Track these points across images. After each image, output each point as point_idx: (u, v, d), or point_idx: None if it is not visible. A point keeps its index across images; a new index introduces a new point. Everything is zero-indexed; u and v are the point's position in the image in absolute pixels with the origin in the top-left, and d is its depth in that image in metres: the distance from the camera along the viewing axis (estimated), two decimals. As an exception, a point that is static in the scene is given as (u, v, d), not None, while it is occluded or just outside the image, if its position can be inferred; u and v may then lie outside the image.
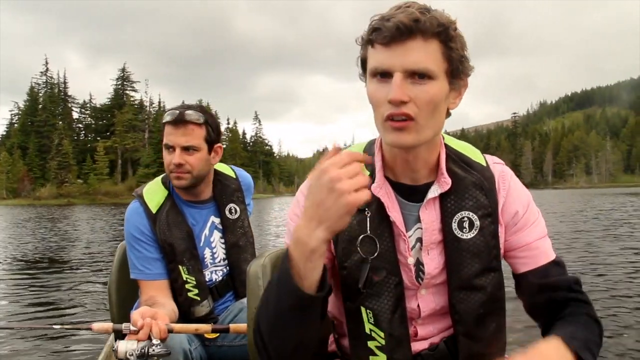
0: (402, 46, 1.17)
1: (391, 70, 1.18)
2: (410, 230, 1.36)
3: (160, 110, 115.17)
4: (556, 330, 1.27)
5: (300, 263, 1.14)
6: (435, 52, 1.18)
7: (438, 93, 1.20)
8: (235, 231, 2.45)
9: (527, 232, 1.39)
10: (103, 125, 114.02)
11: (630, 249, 10.65)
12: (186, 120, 2.21)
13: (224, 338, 2.32)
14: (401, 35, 1.16)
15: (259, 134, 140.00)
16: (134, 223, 2.29)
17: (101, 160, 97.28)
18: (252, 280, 1.72)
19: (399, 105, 1.18)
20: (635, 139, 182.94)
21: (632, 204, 30.06)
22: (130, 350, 1.67)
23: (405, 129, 1.21)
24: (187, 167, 2.24)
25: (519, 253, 1.40)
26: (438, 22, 1.17)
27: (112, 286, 2.53)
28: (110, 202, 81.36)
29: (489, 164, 1.42)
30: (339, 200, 1.08)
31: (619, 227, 15.58)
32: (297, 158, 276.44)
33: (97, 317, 6.05)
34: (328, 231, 1.11)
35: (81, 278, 8.95)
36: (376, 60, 1.21)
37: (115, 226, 22.33)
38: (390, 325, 1.33)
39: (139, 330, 1.74)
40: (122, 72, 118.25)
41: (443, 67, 1.20)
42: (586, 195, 56.46)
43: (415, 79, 1.18)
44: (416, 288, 1.37)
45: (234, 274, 2.43)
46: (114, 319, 2.47)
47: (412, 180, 1.36)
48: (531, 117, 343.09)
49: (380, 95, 1.21)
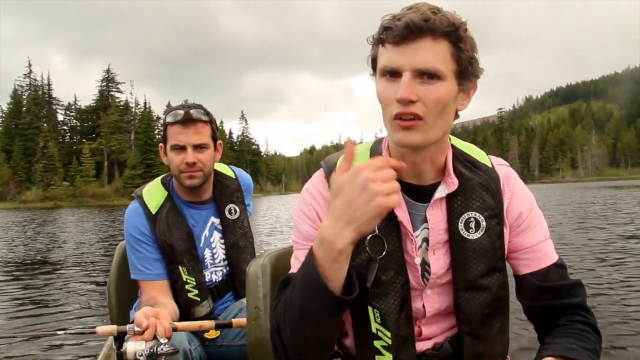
0: (411, 45, 1.17)
1: (400, 70, 1.19)
2: (417, 230, 1.36)
3: (146, 111, 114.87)
4: (549, 344, 1.28)
5: (326, 263, 1.13)
6: (444, 53, 1.19)
7: (446, 93, 1.20)
8: (235, 231, 2.45)
9: (530, 234, 1.40)
10: (88, 127, 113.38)
11: (604, 240, 10.90)
12: (194, 118, 2.22)
13: (224, 338, 2.33)
14: (411, 34, 1.16)
15: (246, 133, 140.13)
16: (133, 223, 2.29)
17: (87, 162, 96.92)
18: (252, 280, 1.74)
19: (407, 104, 1.18)
20: (620, 132, 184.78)
21: (619, 197, 30.39)
22: (140, 351, 1.67)
23: (413, 128, 1.21)
24: (199, 165, 2.25)
25: (521, 255, 1.40)
26: (448, 22, 1.18)
27: (112, 287, 2.53)
28: (97, 204, 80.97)
29: (494, 165, 1.43)
30: (371, 201, 1.08)
31: (595, 220, 15.87)
32: (285, 157, 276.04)
33: (94, 319, 6.05)
34: (356, 232, 1.11)
35: (77, 280, 8.94)
36: (386, 59, 1.21)
37: (105, 227, 22.27)
38: (397, 325, 1.33)
39: (144, 331, 1.74)
40: (106, 73, 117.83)
41: (452, 67, 1.21)
42: (572, 189, 56.98)
43: (424, 79, 1.19)
44: (422, 288, 1.37)
45: (234, 274, 2.43)
46: (114, 319, 2.47)
47: (419, 181, 1.36)
48: (517, 112, 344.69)
49: (389, 94, 1.21)
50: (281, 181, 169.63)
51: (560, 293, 1.38)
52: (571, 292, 1.39)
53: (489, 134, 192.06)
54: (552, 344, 1.28)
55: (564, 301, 1.38)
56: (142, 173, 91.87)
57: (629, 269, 7.66)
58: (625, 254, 9.12)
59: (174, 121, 2.23)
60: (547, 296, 1.38)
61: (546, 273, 1.38)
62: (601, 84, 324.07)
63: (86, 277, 9.14)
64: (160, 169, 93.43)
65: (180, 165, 2.24)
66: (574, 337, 1.30)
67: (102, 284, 8.24)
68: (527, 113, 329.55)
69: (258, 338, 1.66)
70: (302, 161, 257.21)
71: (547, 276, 1.38)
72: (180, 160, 2.24)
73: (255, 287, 1.72)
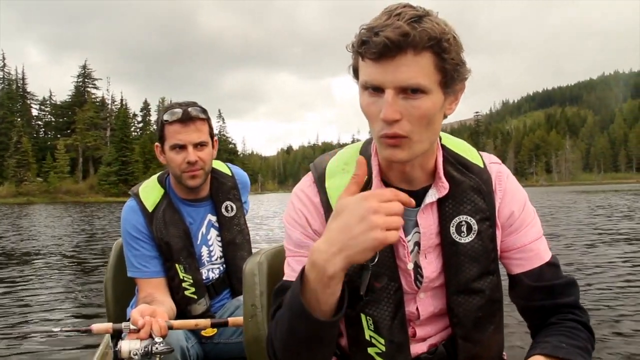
0: (392, 62, 1.12)
1: (382, 87, 1.14)
2: (409, 234, 1.35)
3: (123, 108, 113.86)
4: (539, 343, 1.28)
5: (318, 287, 1.11)
6: (427, 66, 1.13)
7: (431, 107, 1.16)
8: (232, 229, 2.45)
9: (522, 234, 1.38)
10: (63, 123, 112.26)
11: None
12: (193, 117, 2.21)
13: (220, 335, 2.33)
14: (390, 51, 1.10)
15: (223, 132, 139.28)
16: (130, 221, 2.28)
17: (62, 159, 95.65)
18: (248, 277, 1.74)
19: (392, 123, 1.15)
20: (594, 138, 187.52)
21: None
22: (134, 350, 1.66)
23: (399, 146, 1.19)
24: (200, 164, 2.24)
25: (514, 254, 1.38)
26: (429, 36, 1.10)
27: (108, 284, 2.52)
28: (72, 200, 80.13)
29: (486, 164, 1.40)
30: (368, 233, 1.04)
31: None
32: (261, 156, 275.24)
33: (91, 316, 6.02)
34: (347, 260, 1.07)
35: (71, 277, 8.88)
36: (366, 74, 1.17)
37: (75, 224, 22.01)
38: (391, 332, 1.31)
39: (140, 329, 1.73)
40: (83, 69, 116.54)
41: (436, 79, 1.15)
42: (546, 193, 57.87)
43: (408, 94, 1.14)
44: (415, 292, 1.36)
45: (231, 271, 2.43)
46: (110, 317, 2.47)
47: (409, 185, 1.34)
48: (494, 116, 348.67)
49: (373, 111, 1.18)
50: (257, 181, 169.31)
51: (553, 292, 1.36)
52: (564, 291, 1.37)
53: (466, 137, 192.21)
54: (542, 343, 1.28)
55: (557, 300, 1.36)
56: (118, 170, 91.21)
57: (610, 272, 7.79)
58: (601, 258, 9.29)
59: (173, 120, 2.21)
60: (539, 296, 1.36)
61: (539, 272, 1.36)
62: (576, 89, 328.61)
63: (83, 275, 9.07)
64: (135, 167, 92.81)
65: (181, 165, 2.23)
66: (565, 335, 1.29)
67: (97, 281, 8.23)
68: (504, 117, 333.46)
69: (255, 335, 1.66)
70: (279, 161, 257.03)
71: (540, 276, 1.36)
72: (182, 160, 2.23)
73: (252, 285, 1.72)
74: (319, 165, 1.40)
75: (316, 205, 1.35)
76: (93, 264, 10.42)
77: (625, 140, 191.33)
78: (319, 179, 1.37)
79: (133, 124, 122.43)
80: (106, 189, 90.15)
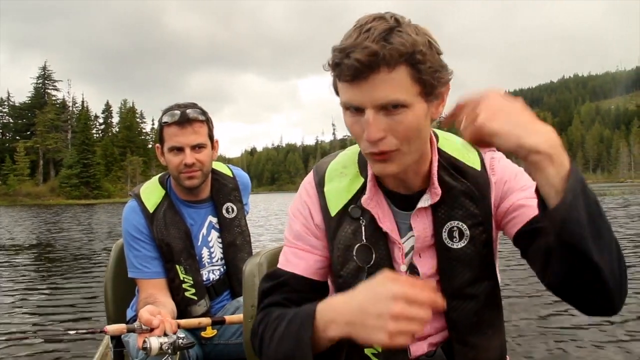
0: (366, 82, 1.10)
1: (361, 107, 1.14)
2: (404, 237, 1.35)
3: (84, 110, 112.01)
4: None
5: (320, 327, 1.14)
6: (403, 80, 1.11)
7: (414, 120, 1.15)
8: (232, 230, 2.45)
9: (515, 194, 1.31)
10: (23, 125, 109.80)
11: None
12: (191, 118, 2.21)
13: (220, 337, 2.34)
14: (362, 72, 1.09)
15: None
16: (131, 222, 2.29)
17: (21, 161, 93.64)
18: (248, 278, 1.77)
19: (376, 142, 1.15)
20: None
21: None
22: (166, 344, 1.69)
23: (388, 160, 1.19)
24: (198, 165, 2.24)
25: (508, 215, 1.31)
26: (400, 52, 1.09)
27: (108, 284, 2.51)
28: (32, 203, 78.46)
29: (486, 165, 1.37)
30: (377, 331, 1.02)
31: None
32: (225, 157, 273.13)
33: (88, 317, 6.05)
34: (348, 335, 1.08)
35: (69, 277, 8.86)
36: (345, 96, 1.16)
37: (35, 227, 21.65)
38: None
39: (152, 329, 1.74)
40: (42, 70, 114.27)
41: (415, 91, 1.13)
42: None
43: (389, 110, 1.13)
44: None
45: (231, 272, 2.43)
46: (110, 317, 2.47)
47: (405, 189, 1.34)
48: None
49: (358, 130, 1.18)
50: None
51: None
52: None
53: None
54: None
55: None
56: (79, 172, 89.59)
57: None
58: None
59: (171, 122, 2.22)
60: (542, 236, 1.17)
61: (535, 219, 1.23)
62: (537, 92, 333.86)
63: (81, 274, 9.08)
64: (97, 169, 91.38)
65: (179, 167, 2.25)
66: None
67: (95, 282, 8.21)
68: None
69: (254, 336, 1.68)
70: (243, 162, 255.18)
71: (537, 220, 1.21)
72: (179, 162, 2.24)
73: (252, 286, 1.75)
74: (320, 169, 1.43)
75: (320, 203, 1.39)
76: (63, 264, 10.29)
77: (582, 142, 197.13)
78: (319, 182, 1.40)
79: (94, 126, 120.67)
80: (68, 191, 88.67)
